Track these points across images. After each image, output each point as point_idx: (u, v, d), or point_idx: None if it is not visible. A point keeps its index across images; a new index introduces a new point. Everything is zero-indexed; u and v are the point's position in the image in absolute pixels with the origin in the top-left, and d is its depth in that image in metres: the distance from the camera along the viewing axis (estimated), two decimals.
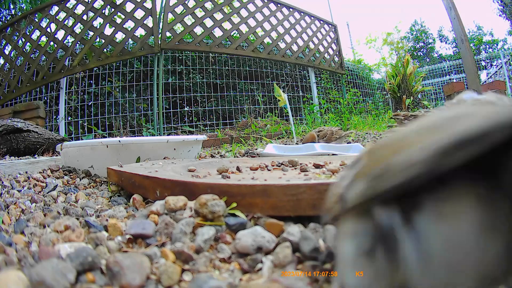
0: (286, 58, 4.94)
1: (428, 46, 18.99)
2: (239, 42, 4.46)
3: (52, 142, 2.31)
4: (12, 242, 0.55)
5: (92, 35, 3.91)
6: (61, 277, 0.39)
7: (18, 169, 1.30)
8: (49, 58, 3.85)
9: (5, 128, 2.16)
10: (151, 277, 0.44)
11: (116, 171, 0.98)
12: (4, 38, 3.90)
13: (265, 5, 4.75)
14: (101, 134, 4.00)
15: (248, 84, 5.40)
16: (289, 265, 0.47)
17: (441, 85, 9.05)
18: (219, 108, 4.95)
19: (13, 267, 0.46)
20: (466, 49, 4.53)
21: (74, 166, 1.35)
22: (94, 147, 1.31)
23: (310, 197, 0.56)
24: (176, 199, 0.63)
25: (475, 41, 16.18)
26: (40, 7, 4.03)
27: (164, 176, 0.78)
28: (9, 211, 0.78)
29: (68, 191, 1.03)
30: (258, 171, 1.01)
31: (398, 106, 6.30)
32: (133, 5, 3.94)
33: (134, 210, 0.76)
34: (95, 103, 4.58)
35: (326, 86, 5.98)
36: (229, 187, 0.62)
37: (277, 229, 0.54)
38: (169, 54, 4.87)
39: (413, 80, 6.38)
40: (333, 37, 5.66)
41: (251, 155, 1.89)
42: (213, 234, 0.54)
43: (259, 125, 4.00)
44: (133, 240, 0.54)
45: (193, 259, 0.48)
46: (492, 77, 9.78)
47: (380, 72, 8.53)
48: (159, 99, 4.05)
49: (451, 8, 4.58)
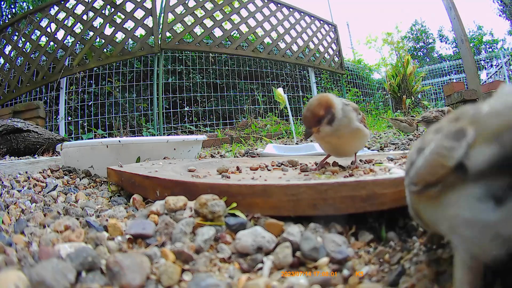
0: (286, 58, 4.94)
1: (428, 46, 18.99)
2: (239, 42, 4.46)
3: (52, 142, 2.31)
4: (12, 242, 0.55)
5: (92, 35, 3.91)
6: (61, 277, 0.39)
7: (18, 169, 1.30)
8: (49, 58, 3.85)
9: (5, 128, 2.16)
10: (151, 277, 0.44)
11: (116, 171, 0.98)
12: (4, 38, 3.90)
13: (265, 5, 4.75)
14: (101, 134, 4.00)
15: (248, 84, 5.40)
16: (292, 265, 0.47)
17: (441, 85, 9.05)
18: (219, 108, 4.95)
19: (13, 267, 0.46)
20: (466, 49, 4.53)
21: (74, 166, 1.35)
22: (94, 147, 1.31)
23: (310, 197, 0.56)
24: (176, 199, 0.63)
25: (475, 41, 16.18)
26: (40, 7, 4.03)
27: (164, 176, 0.78)
28: (9, 211, 0.78)
29: (68, 191, 1.03)
30: (258, 171, 1.01)
31: (398, 106, 6.30)
32: (133, 5, 3.94)
33: (134, 210, 0.76)
34: (95, 103, 4.58)
35: (326, 86, 5.98)
36: (229, 187, 0.62)
37: (277, 229, 0.54)
38: (169, 54, 4.87)
39: (413, 80, 6.39)
40: (333, 37, 5.66)
41: (251, 155, 1.89)
42: (213, 234, 0.54)
43: (259, 125, 4.00)
44: (133, 240, 0.54)
45: (193, 259, 0.48)
46: (492, 77, 9.78)
47: (380, 72, 8.53)
48: (159, 99, 4.05)
49: (451, 8, 4.58)
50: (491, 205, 0.30)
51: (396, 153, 1.29)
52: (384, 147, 2.05)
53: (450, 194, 0.33)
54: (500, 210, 0.29)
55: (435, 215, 0.37)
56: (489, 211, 0.30)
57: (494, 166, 0.29)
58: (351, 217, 0.57)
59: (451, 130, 0.34)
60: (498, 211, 0.30)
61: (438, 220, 0.37)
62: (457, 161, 0.32)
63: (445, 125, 0.37)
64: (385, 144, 2.15)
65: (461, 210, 0.32)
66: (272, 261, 0.48)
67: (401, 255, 0.49)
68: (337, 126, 0.84)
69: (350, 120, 0.86)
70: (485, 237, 0.31)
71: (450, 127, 0.35)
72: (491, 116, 0.31)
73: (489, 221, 0.30)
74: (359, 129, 0.89)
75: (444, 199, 0.34)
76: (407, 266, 0.45)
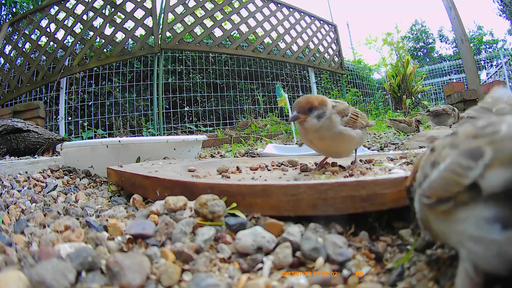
0: (286, 58, 4.94)
1: (428, 46, 19.00)
2: (239, 42, 4.46)
3: (52, 142, 2.31)
4: (12, 242, 0.55)
5: (92, 35, 3.91)
6: (61, 277, 0.39)
7: (18, 169, 1.30)
8: (49, 58, 3.85)
9: (5, 128, 2.16)
10: (151, 277, 0.44)
11: (116, 171, 0.98)
12: (4, 37, 3.90)
13: (265, 5, 4.75)
14: (101, 134, 4.00)
15: (248, 84, 5.41)
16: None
17: (441, 85, 9.05)
18: (219, 108, 4.95)
19: (13, 267, 0.46)
20: (466, 49, 4.53)
21: (74, 166, 1.35)
22: (94, 147, 1.31)
23: (310, 197, 0.56)
24: (176, 199, 0.63)
25: (475, 41, 16.19)
26: (40, 6, 4.03)
27: (164, 176, 0.78)
28: (9, 211, 0.78)
29: (68, 191, 1.03)
30: (258, 171, 1.01)
31: (398, 106, 6.31)
32: (133, 5, 3.94)
33: (134, 210, 0.76)
34: (95, 103, 4.58)
35: (326, 86, 5.98)
36: (229, 187, 0.62)
37: (277, 229, 0.54)
38: (169, 54, 4.87)
39: (413, 80, 6.39)
40: (333, 37, 5.66)
41: (251, 155, 1.89)
42: (213, 234, 0.54)
43: (259, 125, 4.00)
44: (133, 240, 0.54)
45: (193, 259, 0.48)
46: (492, 77, 9.78)
47: (380, 72, 8.54)
48: (159, 99, 4.05)
49: (451, 8, 4.58)
50: (498, 228, 0.31)
51: (396, 153, 1.29)
52: (384, 147, 2.05)
53: (461, 211, 0.34)
54: (506, 233, 0.31)
55: (445, 228, 0.38)
56: (496, 232, 0.31)
57: (508, 190, 0.30)
58: (351, 217, 0.57)
59: (468, 147, 0.34)
60: (504, 233, 0.31)
61: (447, 233, 0.38)
62: (472, 180, 0.32)
63: (462, 141, 0.36)
64: (385, 144, 2.15)
65: (469, 227, 0.33)
66: (272, 261, 0.48)
67: (401, 255, 0.49)
68: (321, 124, 0.85)
69: (332, 124, 0.87)
70: (490, 254, 0.32)
71: (468, 145, 0.35)
72: (510, 139, 0.32)
73: (494, 241, 0.31)
74: (342, 133, 0.88)
75: (454, 215, 0.35)
76: (407, 266, 0.45)
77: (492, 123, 0.35)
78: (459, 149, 0.36)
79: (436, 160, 0.39)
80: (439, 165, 0.37)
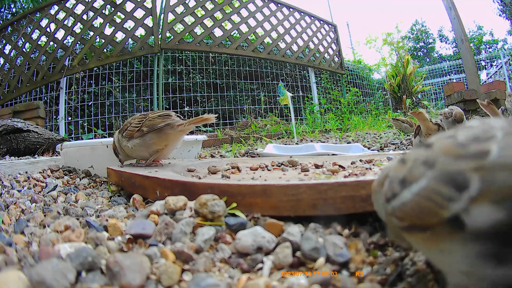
0: (286, 58, 4.94)
1: (428, 46, 19.00)
2: (239, 42, 4.46)
3: (52, 142, 2.31)
4: (12, 242, 0.55)
5: (92, 35, 3.91)
6: (61, 277, 0.39)
7: (18, 169, 1.30)
8: (49, 58, 3.85)
9: (5, 128, 2.16)
10: (151, 277, 0.44)
11: (116, 171, 0.98)
12: (4, 37, 3.90)
13: (265, 5, 4.75)
14: (101, 134, 4.00)
15: (248, 84, 5.40)
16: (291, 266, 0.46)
17: (441, 85, 9.05)
18: (219, 108, 4.94)
19: (13, 267, 0.46)
20: (466, 49, 4.53)
21: (74, 166, 1.35)
22: (94, 147, 1.31)
23: (310, 197, 0.56)
24: (176, 199, 0.63)
25: (475, 41, 16.19)
26: (40, 6, 4.03)
27: (164, 176, 0.78)
28: (9, 211, 0.78)
29: (68, 191, 1.03)
30: (258, 171, 1.01)
31: (398, 106, 6.30)
32: (133, 4, 3.93)
33: (134, 210, 0.76)
34: (95, 103, 4.58)
35: (326, 86, 5.98)
36: (229, 187, 0.62)
37: (277, 229, 0.54)
38: (169, 54, 4.87)
39: (413, 80, 6.38)
40: (333, 37, 5.66)
41: (251, 155, 1.89)
42: (213, 234, 0.54)
43: (259, 125, 4.00)
44: (133, 240, 0.54)
45: (193, 259, 0.48)
46: (492, 77, 9.78)
47: (380, 72, 8.53)
48: (159, 99, 4.05)
49: (451, 8, 4.58)
50: (493, 264, 0.26)
51: (396, 153, 1.29)
52: (384, 147, 2.05)
53: (446, 242, 0.29)
54: (501, 269, 0.26)
55: (427, 253, 0.33)
56: (490, 268, 0.27)
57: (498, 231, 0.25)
58: (351, 217, 0.57)
59: (448, 170, 0.28)
60: (500, 269, 0.26)
61: (431, 257, 0.33)
62: (453, 214, 0.27)
63: (441, 159, 0.30)
64: (385, 144, 2.15)
65: (457, 261, 0.29)
66: (272, 261, 0.48)
67: (401, 255, 0.49)
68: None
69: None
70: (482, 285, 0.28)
71: (447, 166, 0.29)
72: (502, 169, 0.26)
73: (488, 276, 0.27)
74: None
75: (437, 245, 0.30)
76: (407, 266, 0.45)
77: (477, 138, 0.29)
78: (437, 170, 0.29)
79: (406, 178, 0.32)
80: (411, 185, 0.31)
